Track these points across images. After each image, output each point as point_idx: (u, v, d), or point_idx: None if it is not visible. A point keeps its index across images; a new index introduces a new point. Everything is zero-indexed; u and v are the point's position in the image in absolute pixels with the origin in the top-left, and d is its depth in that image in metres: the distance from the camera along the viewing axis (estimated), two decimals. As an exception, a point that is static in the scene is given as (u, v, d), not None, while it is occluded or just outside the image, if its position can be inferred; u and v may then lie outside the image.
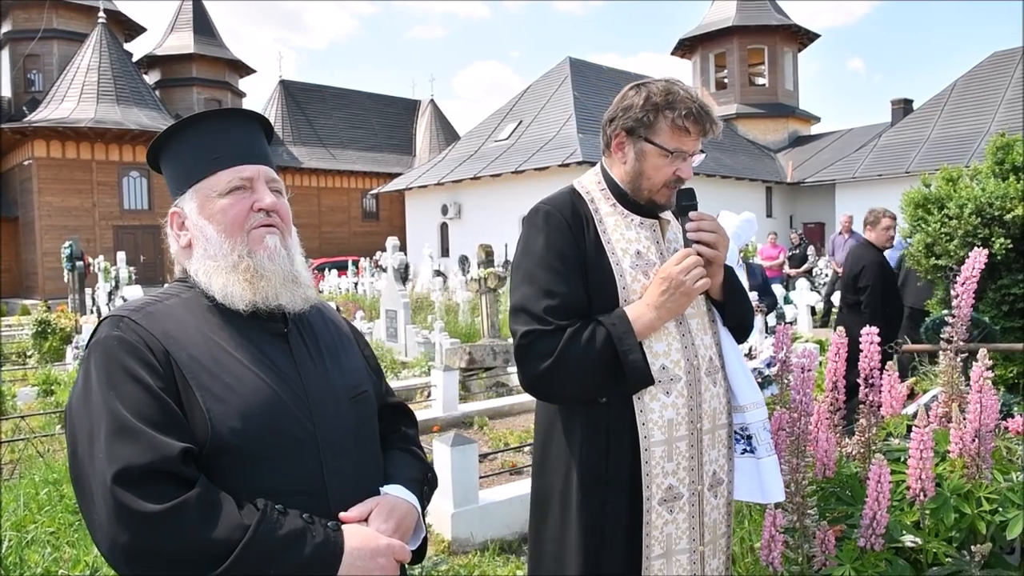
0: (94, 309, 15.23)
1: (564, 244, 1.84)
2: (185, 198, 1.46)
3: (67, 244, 17.49)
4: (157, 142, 1.50)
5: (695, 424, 1.84)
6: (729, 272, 1.97)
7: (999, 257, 5.89)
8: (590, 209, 1.91)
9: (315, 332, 1.53)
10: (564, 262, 1.83)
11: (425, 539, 1.55)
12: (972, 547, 2.01)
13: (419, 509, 1.51)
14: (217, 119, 1.50)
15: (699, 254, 1.83)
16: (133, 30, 35.63)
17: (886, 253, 6.47)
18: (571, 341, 1.76)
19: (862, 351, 2.34)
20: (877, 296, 5.77)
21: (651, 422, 1.80)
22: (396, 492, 1.48)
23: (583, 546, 1.83)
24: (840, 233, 13.96)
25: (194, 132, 1.47)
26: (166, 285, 1.53)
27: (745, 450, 1.96)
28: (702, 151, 1.92)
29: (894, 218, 5.76)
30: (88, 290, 16.65)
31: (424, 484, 1.58)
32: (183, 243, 1.47)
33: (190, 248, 1.46)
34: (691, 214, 1.88)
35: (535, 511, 2.00)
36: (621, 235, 1.89)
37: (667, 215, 1.97)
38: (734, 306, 1.98)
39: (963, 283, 2.43)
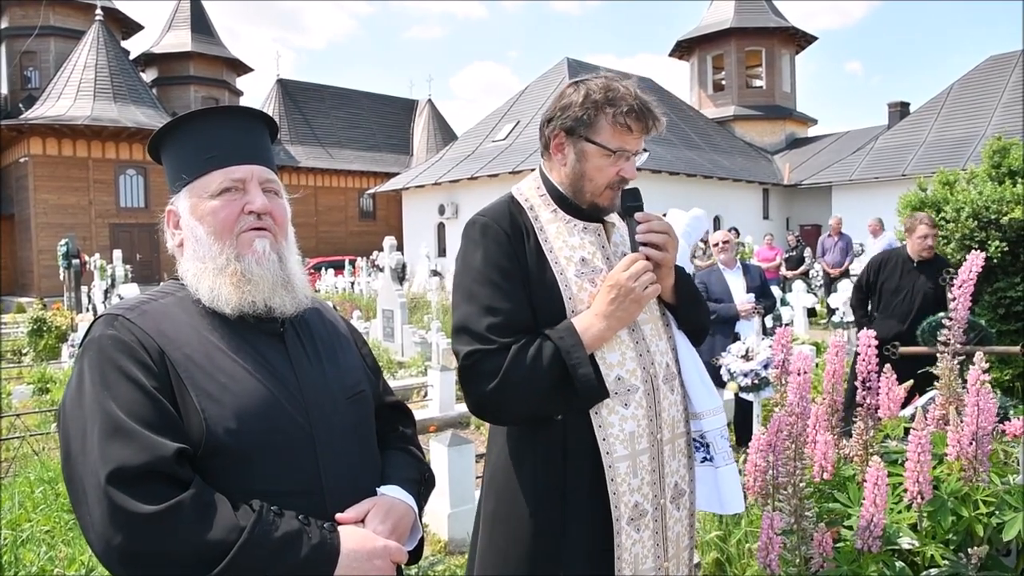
0: (90, 307, 15.21)
1: (503, 257, 1.74)
2: (180, 197, 1.45)
3: (63, 242, 17.46)
4: (156, 137, 1.49)
5: (655, 435, 1.76)
6: (681, 273, 1.89)
7: (995, 260, 5.91)
8: (529, 217, 1.81)
9: (312, 331, 1.52)
10: (504, 276, 1.73)
11: (422, 540, 1.54)
12: (969, 549, 2.01)
13: (416, 510, 1.50)
14: (214, 117, 1.48)
15: (647, 257, 1.74)
16: (130, 28, 35.57)
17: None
18: (516, 359, 1.66)
19: (859, 354, 2.34)
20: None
21: (612, 437, 1.71)
22: (393, 493, 1.47)
23: (533, 571, 1.73)
24: (829, 235, 14.05)
25: (191, 129, 1.46)
26: (162, 283, 1.52)
27: (704, 458, 1.91)
28: (645, 150, 1.83)
29: (933, 225, 5.39)
30: (84, 288, 16.63)
31: (421, 484, 1.57)
32: (176, 242, 1.47)
33: (183, 248, 1.45)
34: (638, 215, 1.79)
35: (481, 532, 1.89)
36: (564, 242, 1.79)
37: (612, 217, 1.88)
38: (688, 308, 1.90)
39: (960, 286, 2.44)
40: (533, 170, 1.99)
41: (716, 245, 6.33)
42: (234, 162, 1.44)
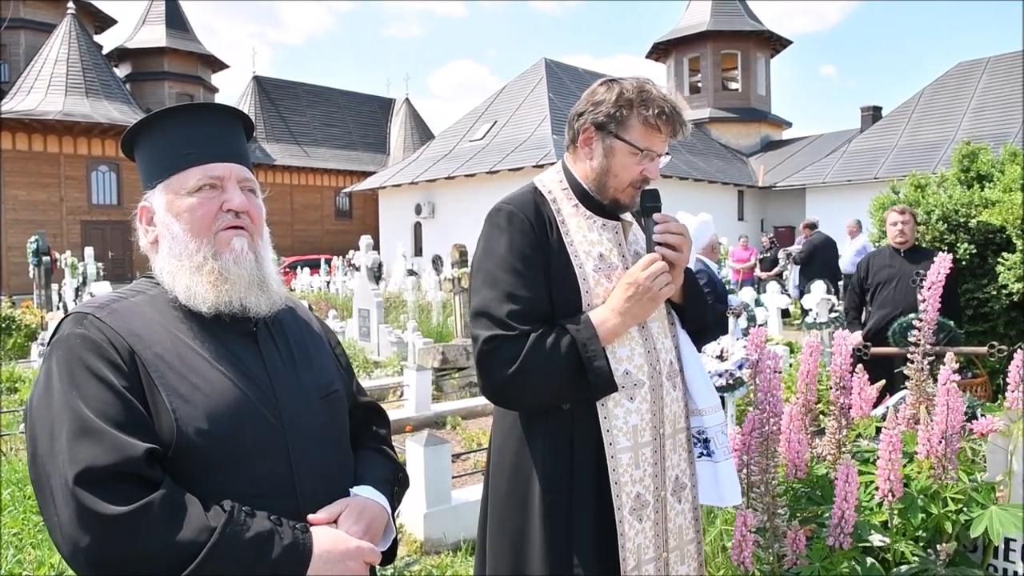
0: (60, 305, 14.98)
1: (527, 246, 1.79)
2: (155, 193, 1.42)
3: (33, 239, 17.17)
4: (130, 132, 1.47)
5: (658, 429, 1.82)
6: (689, 275, 1.94)
7: (964, 263, 6.01)
8: (552, 210, 1.86)
9: (285, 331, 1.51)
10: (527, 264, 1.77)
11: (395, 540, 1.53)
12: (938, 546, 2.04)
13: (389, 510, 1.49)
14: (192, 113, 1.46)
15: (663, 257, 1.79)
16: (103, 22, 35.12)
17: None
18: (535, 347, 1.71)
19: (835, 354, 2.37)
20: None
21: (616, 428, 1.76)
22: (366, 493, 1.46)
23: (551, 554, 1.77)
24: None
25: (167, 125, 1.44)
26: (133, 281, 1.49)
27: (702, 453, 1.95)
28: (668, 153, 1.87)
29: (903, 211, 5.39)
30: (55, 286, 16.37)
31: (395, 484, 1.57)
32: (150, 239, 1.44)
33: (157, 244, 1.43)
34: (656, 216, 1.84)
35: (491, 516, 1.93)
36: (584, 237, 1.84)
37: (627, 216, 1.93)
38: (693, 309, 1.95)
39: (929, 287, 2.48)
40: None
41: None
42: (213, 159, 1.42)
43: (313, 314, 1.70)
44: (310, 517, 1.34)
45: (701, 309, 1.98)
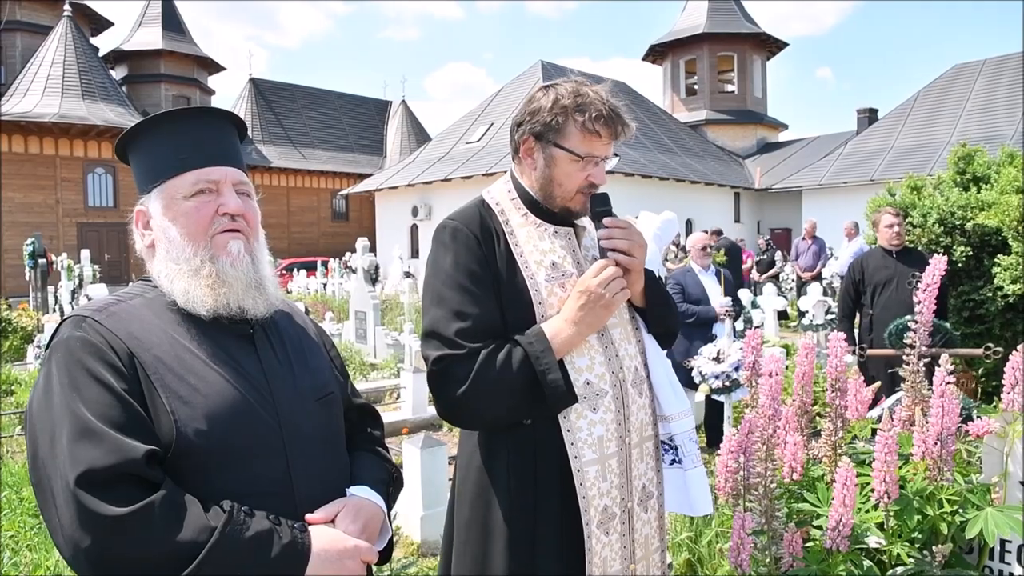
0: (57, 308, 14.94)
1: (473, 261, 1.74)
2: (151, 197, 1.44)
3: (29, 241, 17.15)
4: (125, 137, 1.48)
5: (624, 439, 1.78)
6: (650, 277, 1.89)
7: (960, 265, 6.03)
8: (500, 221, 1.82)
9: (281, 334, 1.52)
10: (474, 281, 1.73)
11: (391, 540, 1.55)
12: (934, 547, 2.05)
13: (385, 510, 1.51)
14: (187, 118, 1.47)
15: (616, 263, 1.74)
16: (100, 24, 35.06)
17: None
18: (486, 364, 1.66)
19: (830, 356, 2.37)
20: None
21: (580, 441, 1.71)
22: (362, 493, 1.47)
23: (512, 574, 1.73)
24: (803, 238, 14.15)
25: (163, 130, 1.45)
26: (131, 284, 1.51)
27: (673, 460, 1.92)
28: (616, 154, 1.83)
29: (897, 214, 5.44)
30: (51, 288, 16.33)
31: (390, 485, 1.59)
32: (147, 243, 1.45)
33: (154, 248, 1.44)
34: (605, 220, 1.78)
35: (456, 538, 1.88)
36: (535, 247, 1.79)
37: (583, 221, 1.88)
38: (657, 312, 1.90)
39: (924, 290, 2.48)
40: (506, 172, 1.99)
41: (703, 249, 6.34)
42: (208, 163, 1.43)
43: (308, 317, 1.71)
44: (308, 517, 1.35)
45: (665, 312, 1.93)
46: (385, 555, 1.53)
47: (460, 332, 1.69)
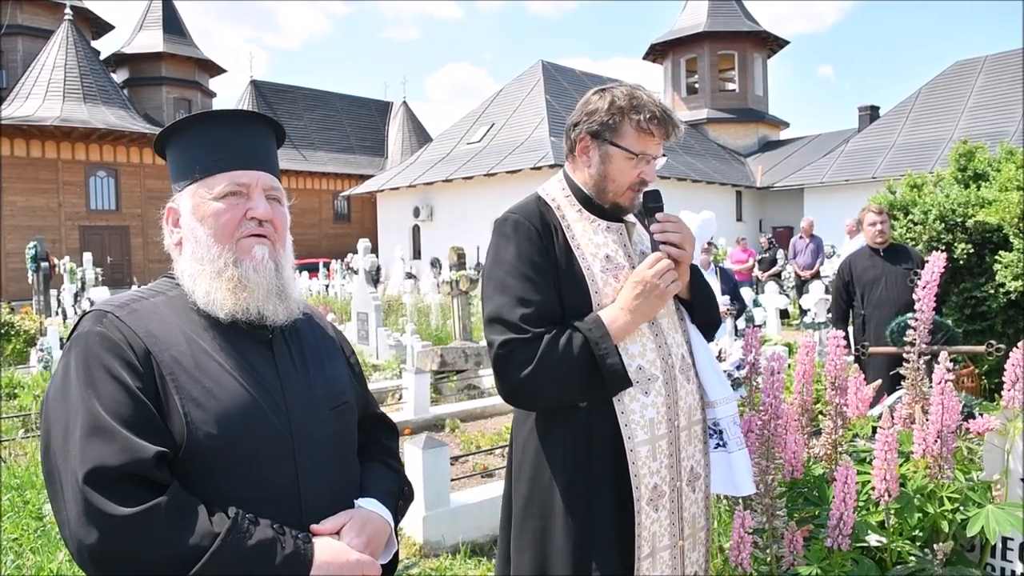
0: (59, 311, 14.98)
1: (535, 252, 1.85)
2: (183, 195, 1.44)
3: (32, 244, 17.15)
4: (164, 133, 1.48)
5: (673, 422, 1.87)
6: (695, 271, 2.00)
7: (961, 262, 6.02)
8: (557, 216, 1.92)
9: (300, 339, 1.51)
10: (536, 270, 1.83)
11: (396, 554, 1.53)
12: (935, 545, 2.05)
13: (392, 524, 1.50)
14: (226, 119, 1.48)
15: (668, 255, 1.84)
16: (101, 27, 35.11)
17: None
18: (549, 348, 1.76)
19: (829, 354, 2.37)
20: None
21: (633, 423, 1.81)
22: (370, 506, 1.46)
23: (572, 550, 1.82)
24: (800, 237, 14.09)
25: (201, 129, 1.45)
26: (155, 280, 1.51)
27: (718, 444, 2.00)
28: (664, 155, 1.94)
29: (880, 212, 5.52)
30: (53, 291, 16.37)
31: (399, 498, 1.57)
32: (175, 240, 1.46)
33: (181, 246, 1.44)
34: (659, 216, 1.89)
35: (514, 517, 1.96)
36: (589, 240, 1.91)
37: (631, 218, 1.99)
38: (701, 304, 2.01)
39: (924, 287, 2.48)
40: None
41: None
42: (240, 167, 1.44)
43: (328, 322, 1.70)
44: (313, 527, 1.35)
45: (707, 304, 2.04)
46: (390, 568, 1.52)
47: (524, 317, 1.79)
